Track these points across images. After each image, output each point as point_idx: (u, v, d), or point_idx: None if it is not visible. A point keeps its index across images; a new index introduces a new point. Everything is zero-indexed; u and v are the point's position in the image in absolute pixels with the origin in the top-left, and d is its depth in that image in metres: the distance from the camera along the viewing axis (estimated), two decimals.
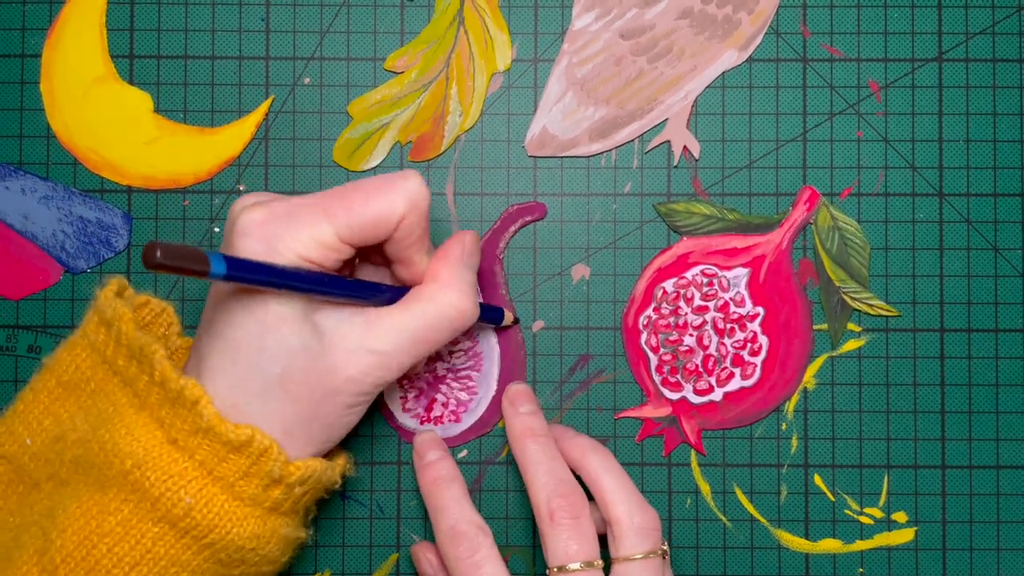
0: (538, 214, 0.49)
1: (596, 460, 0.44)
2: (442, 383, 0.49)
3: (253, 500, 0.39)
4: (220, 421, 0.38)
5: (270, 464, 0.39)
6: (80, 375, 0.42)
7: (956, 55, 0.49)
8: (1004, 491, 0.49)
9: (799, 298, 0.49)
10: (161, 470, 0.38)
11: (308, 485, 0.41)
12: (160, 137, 0.49)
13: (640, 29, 0.49)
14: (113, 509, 0.38)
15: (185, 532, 0.38)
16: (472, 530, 0.42)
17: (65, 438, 0.40)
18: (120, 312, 0.40)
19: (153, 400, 0.39)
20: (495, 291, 0.49)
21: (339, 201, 0.39)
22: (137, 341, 0.39)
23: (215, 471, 0.38)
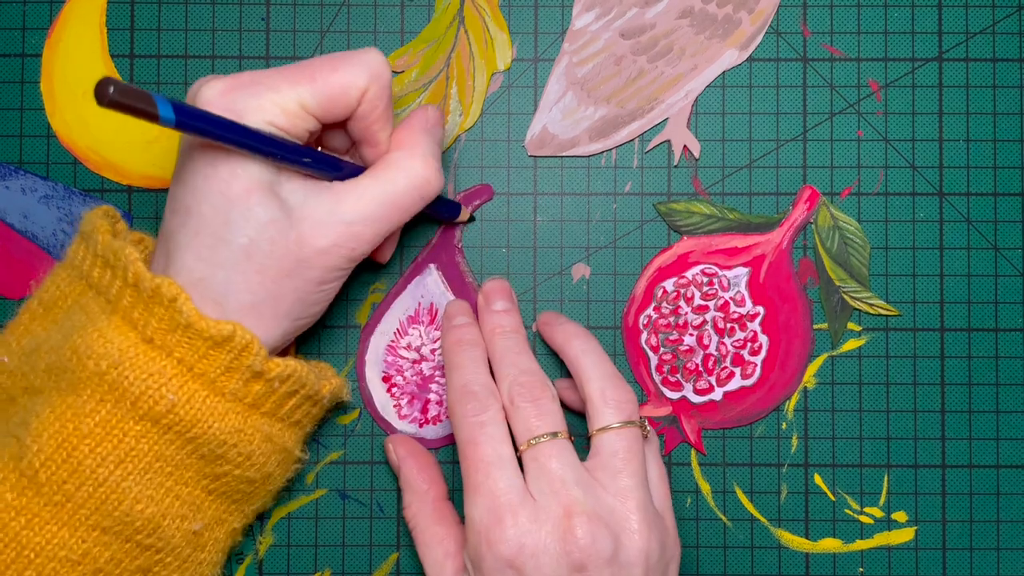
0: (486, 196, 0.49)
1: (578, 344, 0.44)
2: (431, 382, 0.49)
3: (234, 395, 0.40)
4: (199, 317, 0.38)
5: (251, 358, 0.39)
6: (59, 292, 0.42)
7: (956, 55, 0.49)
8: (1004, 490, 0.49)
9: (799, 297, 0.49)
10: (140, 369, 0.38)
11: (290, 384, 0.41)
12: (160, 136, 0.49)
13: (640, 28, 0.49)
14: (89, 411, 0.38)
15: (168, 428, 0.39)
16: (483, 392, 0.42)
17: (39, 349, 0.41)
18: (96, 224, 0.41)
19: (126, 302, 0.39)
20: (462, 281, 0.49)
21: (303, 71, 0.40)
22: (111, 247, 0.40)
23: (195, 367, 0.39)
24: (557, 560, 0.39)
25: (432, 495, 0.46)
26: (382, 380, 0.49)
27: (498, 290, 0.47)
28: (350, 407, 0.49)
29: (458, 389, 0.42)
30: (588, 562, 0.39)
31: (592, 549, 0.39)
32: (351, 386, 0.47)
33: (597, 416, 0.43)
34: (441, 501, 0.46)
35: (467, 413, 0.41)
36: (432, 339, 0.49)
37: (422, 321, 0.49)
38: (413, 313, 0.49)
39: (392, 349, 0.49)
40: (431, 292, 0.49)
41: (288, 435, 0.43)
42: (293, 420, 0.43)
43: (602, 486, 0.41)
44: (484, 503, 0.40)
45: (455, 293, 0.49)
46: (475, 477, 0.40)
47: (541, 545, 0.39)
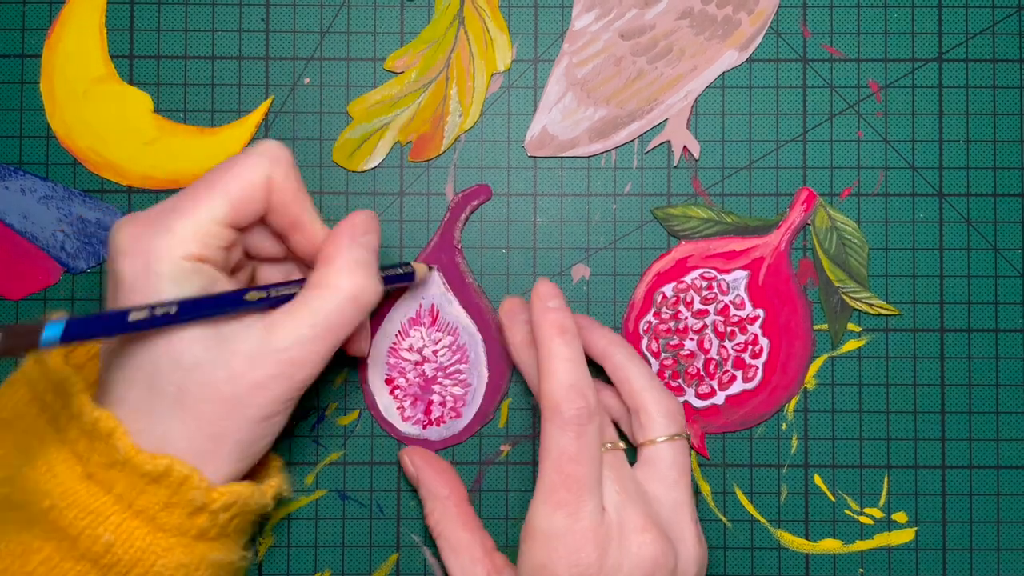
0: (484, 196, 0.49)
1: (620, 351, 0.44)
2: (434, 384, 0.49)
3: (178, 529, 0.38)
4: (136, 452, 0.37)
5: (192, 492, 0.38)
6: (15, 412, 0.41)
7: (956, 55, 0.49)
8: (1004, 491, 0.49)
9: (799, 299, 0.49)
10: (79, 507, 0.37)
11: (234, 510, 0.39)
12: (160, 137, 0.49)
13: (640, 29, 0.49)
14: (36, 548, 0.37)
15: (108, 568, 0.37)
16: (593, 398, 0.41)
17: None
18: None
19: (72, 434, 0.38)
20: (462, 282, 0.49)
21: (204, 185, 0.39)
22: (60, 374, 0.39)
23: (135, 504, 0.37)
24: (630, 572, 0.39)
25: (453, 500, 0.46)
26: (385, 382, 0.49)
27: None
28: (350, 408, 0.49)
29: (565, 385, 0.40)
30: (657, 573, 0.40)
31: (663, 561, 0.40)
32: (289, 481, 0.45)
33: (651, 426, 0.43)
34: (463, 505, 0.46)
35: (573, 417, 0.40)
36: (434, 340, 0.49)
37: (423, 323, 0.49)
38: (414, 315, 0.49)
39: (394, 351, 0.49)
40: (432, 294, 0.49)
41: (232, 547, 0.41)
42: (237, 531, 0.41)
43: (656, 498, 0.42)
44: (566, 523, 0.39)
45: (456, 294, 0.49)
46: (563, 493, 0.40)
47: (616, 563, 0.39)
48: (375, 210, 0.49)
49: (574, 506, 0.39)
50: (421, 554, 0.49)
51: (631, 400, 0.43)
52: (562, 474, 0.40)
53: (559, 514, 0.39)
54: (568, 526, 0.39)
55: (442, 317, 0.49)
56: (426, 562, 0.49)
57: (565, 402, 0.40)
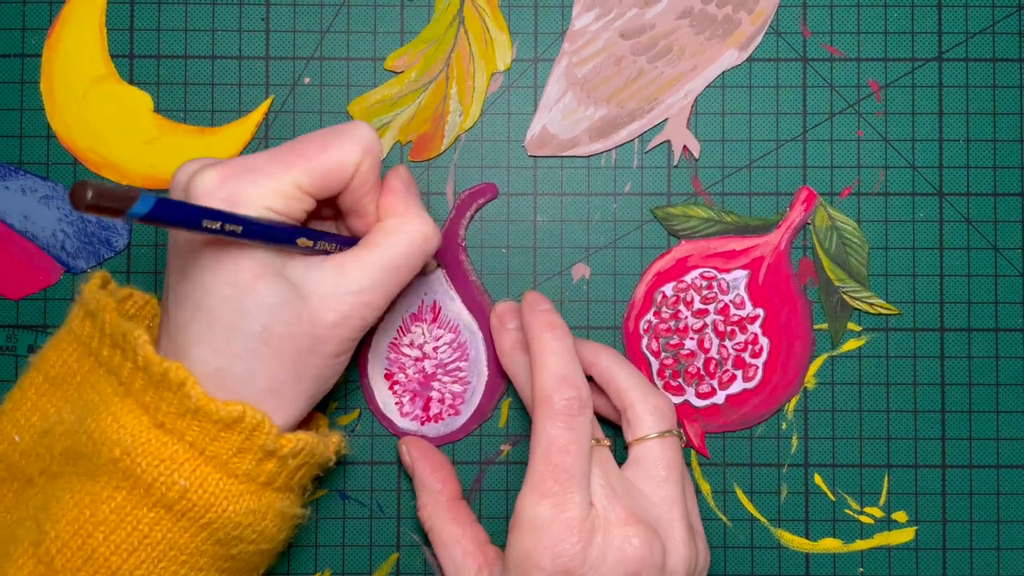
0: (490, 195, 0.49)
1: (606, 355, 0.45)
2: (433, 380, 0.49)
3: (248, 476, 0.39)
4: (208, 400, 0.38)
5: (263, 438, 0.39)
6: (67, 369, 0.41)
7: (956, 55, 0.49)
8: (1004, 491, 0.49)
9: (799, 298, 0.49)
10: (151, 455, 0.38)
11: (302, 458, 0.41)
12: (160, 137, 0.49)
13: (640, 29, 0.49)
14: (106, 497, 0.38)
15: (182, 514, 0.38)
16: (584, 389, 0.41)
17: (53, 431, 0.40)
18: (103, 302, 0.40)
19: (138, 386, 0.39)
20: (465, 279, 0.49)
21: (296, 152, 0.39)
22: (120, 328, 0.39)
23: (207, 450, 0.38)
24: (614, 568, 0.39)
25: (446, 495, 0.46)
26: (384, 377, 0.49)
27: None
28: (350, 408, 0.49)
29: (556, 376, 0.41)
30: (643, 570, 0.40)
31: (650, 558, 0.40)
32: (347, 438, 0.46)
33: (639, 424, 0.43)
34: (455, 500, 0.46)
35: (563, 407, 0.41)
36: (435, 337, 0.49)
37: (424, 319, 0.49)
38: (416, 311, 0.49)
39: (395, 347, 0.49)
40: (434, 290, 0.49)
41: (295, 501, 0.42)
42: (300, 486, 0.43)
43: (645, 495, 0.42)
44: (552, 513, 0.40)
45: (458, 291, 0.49)
46: (551, 483, 0.40)
47: (600, 555, 0.39)
48: None
49: (561, 497, 0.40)
50: (421, 553, 0.49)
51: (619, 400, 0.43)
52: (550, 464, 0.40)
53: (545, 504, 0.40)
54: (554, 516, 0.39)
55: (443, 314, 0.49)
56: (426, 561, 0.49)
57: (556, 393, 0.41)
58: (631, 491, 0.41)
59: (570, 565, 0.39)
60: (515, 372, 0.46)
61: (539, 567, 0.39)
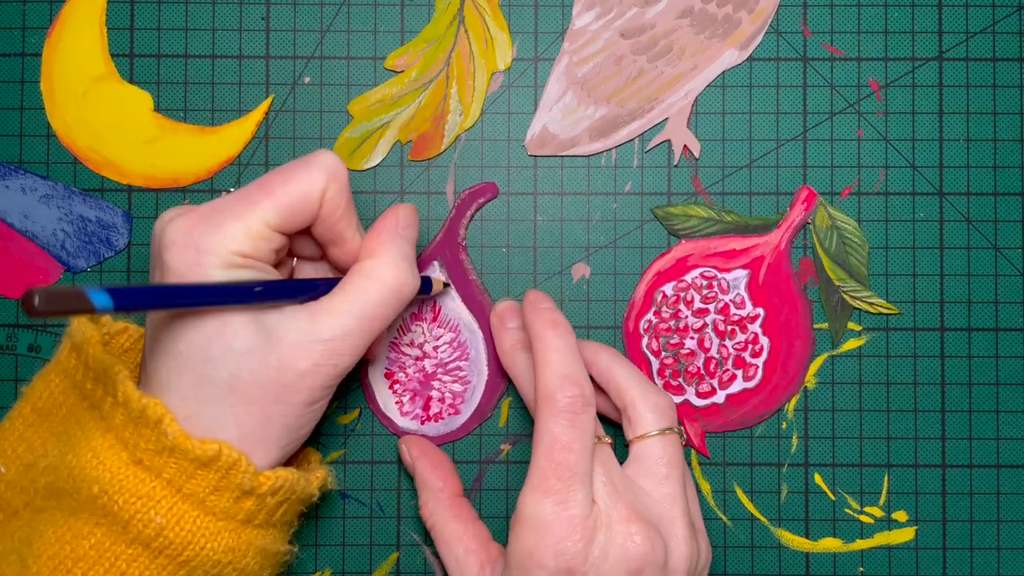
0: (490, 194, 0.49)
1: (606, 354, 0.44)
2: (433, 379, 0.49)
3: (225, 513, 0.39)
4: (185, 438, 0.38)
5: (240, 476, 0.38)
6: (53, 401, 0.41)
7: (956, 54, 0.49)
8: (1004, 490, 0.49)
9: (799, 298, 0.49)
10: (128, 492, 0.38)
11: (281, 495, 0.40)
12: (160, 136, 0.49)
13: (640, 28, 0.49)
14: (86, 533, 0.38)
15: (159, 552, 0.38)
16: (588, 388, 0.41)
17: (37, 465, 0.40)
18: (88, 335, 0.40)
19: (118, 421, 0.38)
20: (465, 278, 0.49)
21: (259, 189, 0.39)
22: (102, 362, 0.39)
23: (184, 488, 0.38)
24: (616, 565, 0.39)
25: (447, 492, 0.46)
26: (384, 377, 0.49)
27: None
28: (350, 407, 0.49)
29: (559, 374, 0.41)
30: (646, 568, 0.40)
31: (652, 556, 0.40)
32: (333, 474, 0.45)
33: (639, 422, 0.43)
34: (456, 498, 0.46)
35: (566, 405, 0.40)
36: (435, 336, 0.49)
37: (425, 318, 0.49)
38: (416, 310, 0.49)
39: (395, 346, 0.49)
40: None
41: (278, 537, 0.42)
42: (283, 521, 0.42)
43: (647, 493, 0.42)
44: (554, 510, 0.40)
45: (458, 291, 0.49)
46: (553, 481, 0.40)
47: (602, 553, 0.39)
48: (375, 209, 0.49)
49: (563, 494, 0.40)
50: (421, 553, 0.49)
51: (619, 399, 0.43)
52: (553, 462, 0.40)
53: (548, 501, 0.40)
54: (557, 514, 0.39)
55: (444, 313, 0.49)
56: (426, 561, 0.49)
57: (559, 391, 0.41)
58: (632, 489, 0.41)
59: (572, 563, 0.39)
60: (516, 371, 0.46)
61: (542, 565, 0.39)
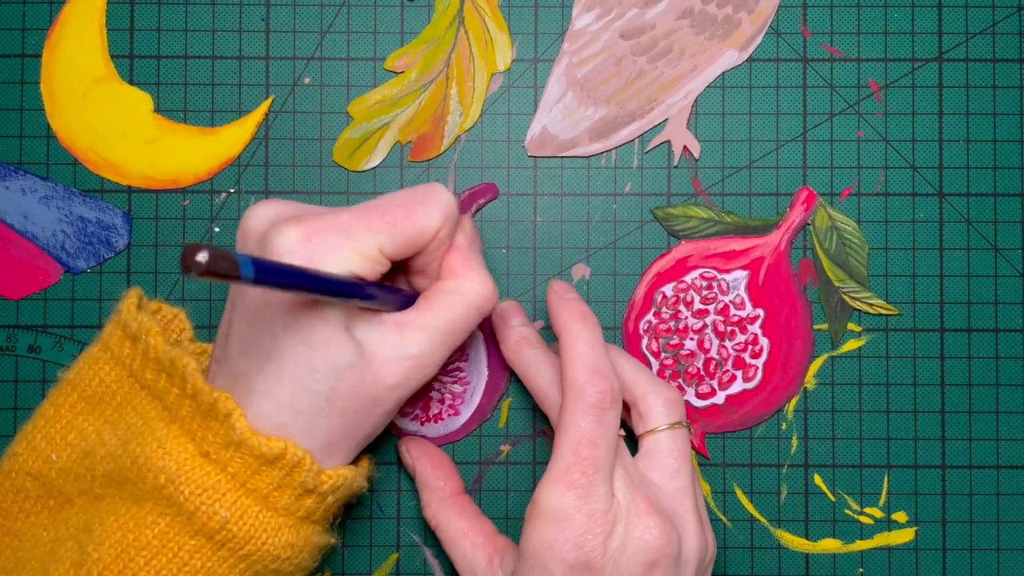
0: (491, 195, 0.49)
1: (613, 351, 0.45)
2: (434, 381, 0.49)
3: (287, 510, 0.39)
4: (252, 434, 0.38)
5: (303, 475, 0.39)
6: (105, 389, 0.41)
7: (956, 55, 0.49)
8: (1004, 491, 0.49)
9: (799, 299, 0.49)
10: (195, 484, 0.38)
11: (340, 493, 0.41)
12: (160, 137, 0.49)
13: (640, 29, 0.49)
14: (150, 522, 0.38)
15: (222, 544, 0.38)
16: (616, 384, 0.41)
17: (94, 453, 0.40)
18: (147, 326, 0.40)
19: (184, 413, 0.39)
20: None
21: (381, 216, 0.39)
22: (167, 355, 0.39)
23: (248, 483, 0.38)
24: (633, 558, 0.40)
25: (448, 491, 0.46)
26: None
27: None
28: None
29: (589, 368, 0.41)
30: (661, 560, 0.40)
31: (668, 548, 0.40)
32: (374, 460, 0.46)
33: (650, 416, 0.43)
34: (458, 496, 0.47)
35: (596, 400, 0.40)
36: None
37: None
38: None
39: None
40: None
41: (326, 528, 0.43)
42: (332, 512, 0.43)
43: (659, 487, 0.42)
44: (576, 504, 0.40)
45: None
46: (577, 475, 0.40)
47: (620, 546, 0.40)
48: None
49: (586, 488, 0.40)
50: (421, 553, 0.49)
51: (629, 394, 0.44)
52: (578, 456, 0.40)
53: (570, 495, 0.40)
54: (578, 507, 0.39)
55: None
56: (426, 561, 0.49)
57: (589, 385, 0.41)
58: (646, 483, 0.42)
59: (591, 556, 0.39)
60: (522, 366, 0.45)
61: (561, 558, 0.39)
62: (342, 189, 0.49)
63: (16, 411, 0.49)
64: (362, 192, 0.49)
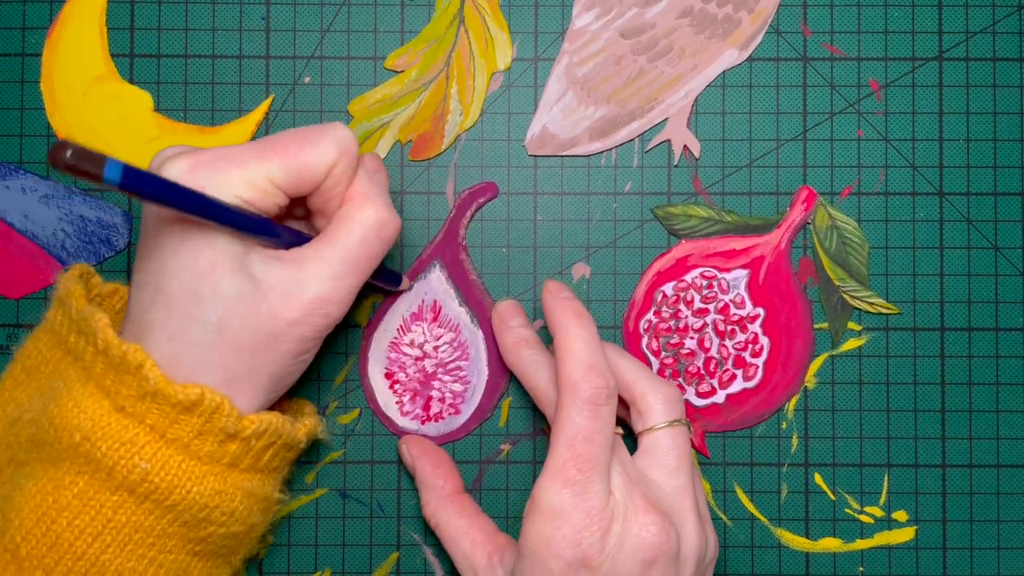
0: (491, 194, 0.49)
1: (611, 349, 0.44)
2: (434, 379, 0.49)
3: (210, 457, 0.39)
4: (167, 383, 0.38)
5: (223, 420, 0.38)
6: (40, 358, 0.41)
7: (956, 54, 0.49)
8: (1004, 490, 0.49)
9: (799, 298, 0.49)
10: (112, 439, 0.38)
11: (266, 439, 0.40)
12: (160, 136, 0.49)
13: (640, 28, 0.49)
14: (68, 483, 0.38)
15: (145, 497, 0.38)
16: (611, 380, 0.41)
17: (21, 419, 0.40)
18: (72, 289, 0.40)
19: (98, 370, 0.38)
20: (465, 278, 0.49)
21: (272, 147, 0.39)
22: (83, 313, 0.39)
23: (167, 433, 0.38)
24: (631, 555, 0.40)
25: (448, 489, 0.46)
26: (384, 376, 0.49)
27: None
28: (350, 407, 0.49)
29: (584, 365, 0.41)
30: (660, 558, 0.40)
31: (666, 546, 0.40)
32: (324, 424, 0.46)
33: (649, 414, 0.43)
34: (458, 495, 0.47)
35: (590, 396, 0.40)
36: (435, 336, 0.49)
37: (425, 318, 0.49)
38: (416, 310, 0.49)
39: (395, 346, 0.49)
40: (434, 289, 0.49)
41: (268, 483, 0.42)
42: (272, 467, 0.42)
43: (658, 484, 0.42)
44: (573, 501, 0.40)
45: (458, 291, 0.49)
46: (573, 471, 0.40)
47: (617, 543, 0.40)
48: None
49: (583, 485, 0.40)
50: (421, 553, 0.49)
51: (628, 392, 0.43)
52: (574, 452, 0.40)
53: (567, 492, 0.40)
54: (575, 504, 0.39)
55: (444, 313, 0.49)
56: (426, 561, 0.49)
57: (584, 381, 0.40)
58: (645, 480, 0.42)
59: (589, 552, 0.39)
60: (521, 368, 0.46)
61: (558, 555, 0.39)
62: None
63: None
64: None
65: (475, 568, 0.44)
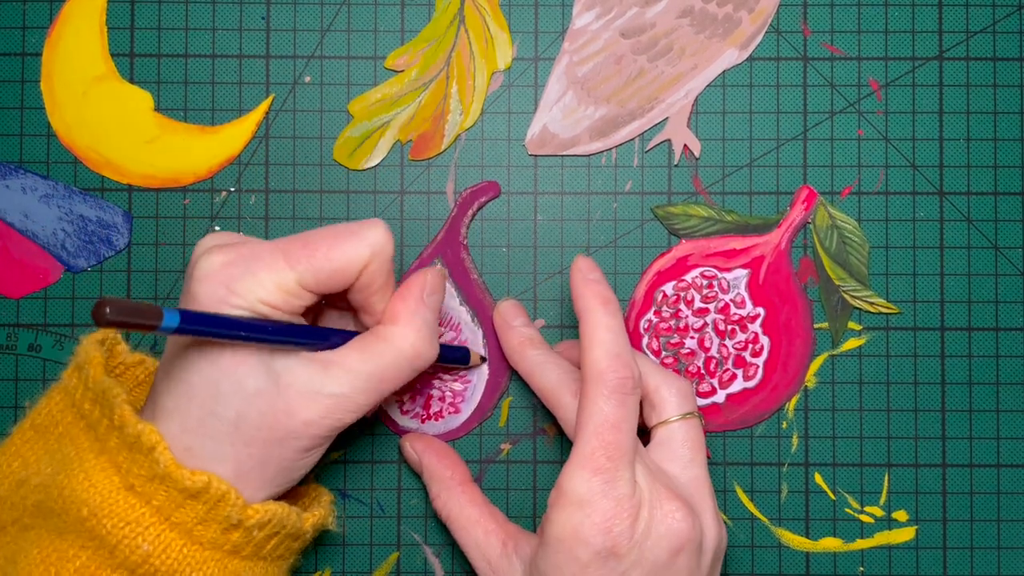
0: (491, 194, 0.49)
1: None
2: (434, 378, 0.49)
3: (212, 544, 0.39)
4: (176, 467, 0.37)
5: (228, 509, 0.38)
6: (51, 418, 0.41)
7: (957, 54, 0.49)
8: (1005, 490, 0.49)
9: (799, 298, 0.49)
10: (117, 516, 0.37)
11: (269, 529, 0.40)
12: (160, 136, 0.49)
13: (640, 28, 0.49)
14: (71, 555, 0.38)
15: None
16: (636, 370, 0.41)
17: (28, 482, 0.40)
18: (91, 356, 0.40)
19: (112, 444, 0.38)
20: (466, 278, 0.49)
21: (302, 248, 0.39)
22: (101, 384, 0.39)
23: (172, 517, 0.38)
24: (658, 543, 0.40)
25: (457, 480, 0.46)
26: None
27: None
28: None
29: (611, 353, 0.41)
30: (687, 545, 0.40)
31: (692, 533, 0.40)
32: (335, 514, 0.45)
33: (663, 406, 0.43)
34: (467, 485, 0.46)
35: (617, 385, 0.40)
36: None
37: None
38: None
39: None
40: None
41: (271, 571, 0.42)
42: (275, 556, 0.42)
43: (674, 476, 0.42)
44: (603, 489, 0.40)
45: (459, 290, 0.49)
46: (602, 460, 0.40)
47: (645, 531, 0.40)
48: (375, 209, 0.49)
49: (612, 473, 0.40)
50: (421, 552, 0.49)
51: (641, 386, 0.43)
52: (602, 441, 0.40)
53: (596, 480, 0.40)
54: (604, 492, 0.40)
55: (444, 312, 0.49)
56: (426, 561, 0.49)
57: (610, 370, 0.41)
58: (661, 472, 0.42)
59: (618, 540, 0.39)
60: (528, 369, 0.45)
61: (587, 543, 0.39)
62: (342, 188, 0.49)
63: (16, 410, 0.49)
64: (363, 191, 0.49)
65: (488, 557, 0.44)
